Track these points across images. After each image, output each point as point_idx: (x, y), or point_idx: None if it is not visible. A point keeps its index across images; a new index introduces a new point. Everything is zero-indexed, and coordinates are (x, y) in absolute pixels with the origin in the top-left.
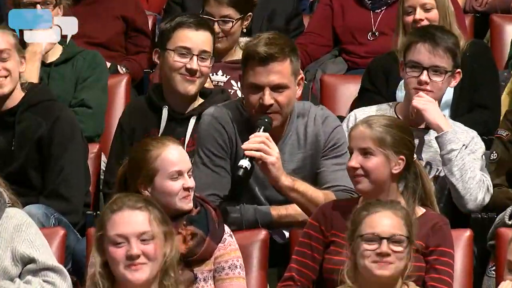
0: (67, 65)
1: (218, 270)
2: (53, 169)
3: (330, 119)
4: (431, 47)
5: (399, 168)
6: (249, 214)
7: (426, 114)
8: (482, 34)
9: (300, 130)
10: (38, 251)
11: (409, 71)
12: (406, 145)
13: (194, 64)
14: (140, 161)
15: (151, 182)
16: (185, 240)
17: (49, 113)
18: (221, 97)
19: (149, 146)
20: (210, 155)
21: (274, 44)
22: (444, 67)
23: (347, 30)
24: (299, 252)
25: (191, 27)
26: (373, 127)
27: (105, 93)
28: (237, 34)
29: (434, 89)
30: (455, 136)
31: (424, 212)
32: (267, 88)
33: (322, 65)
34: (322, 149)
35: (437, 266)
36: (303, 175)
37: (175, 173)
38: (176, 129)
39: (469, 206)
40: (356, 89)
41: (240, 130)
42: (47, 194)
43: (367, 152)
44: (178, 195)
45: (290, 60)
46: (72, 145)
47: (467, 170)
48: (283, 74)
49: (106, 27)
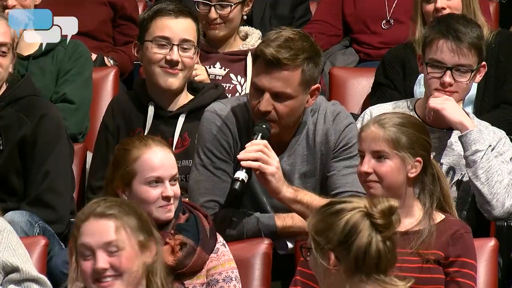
0: (47, 57)
1: (212, 283)
2: (36, 173)
3: (341, 115)
4: (455, 45)
5: (416, 171)
6: (251, 223)
7: (446, 113)
8: (508, 23)
9: (310, 128)
10: (21, 260)
11: (431, 71)
12: (423, 145)
13: (174, 55)
14: (118, 161)
15: (129, 185)
16: (173, 250)
17: (34, 111)
18: (214, 93)
19: (130, 145)
20: (211, 157)
21: (288, 48)
22: (470, 65)
23: (358, 18)
24: (304, 264)
25: (169, 15)
26: (386, 127)
27: (89, 87)
28: (237, 20)
29: (459, 89)
30: (480, 136)
31: (443, 218)
32: (267, 93)
33: (331, 56)
34: (333, 150)
35: (458, 279)
36: (315, 179)
37: (153, 180)
38: (163, 128)
39: (495, 213)
40: (368, 83)
41: (247, 131)
42: (30, 201)
43: (381, 155)
44: (155, 203)
45: (302, 70)
46: (58, 147)
47: (494, 173)
48: (289, 83)
49: (91, 15)
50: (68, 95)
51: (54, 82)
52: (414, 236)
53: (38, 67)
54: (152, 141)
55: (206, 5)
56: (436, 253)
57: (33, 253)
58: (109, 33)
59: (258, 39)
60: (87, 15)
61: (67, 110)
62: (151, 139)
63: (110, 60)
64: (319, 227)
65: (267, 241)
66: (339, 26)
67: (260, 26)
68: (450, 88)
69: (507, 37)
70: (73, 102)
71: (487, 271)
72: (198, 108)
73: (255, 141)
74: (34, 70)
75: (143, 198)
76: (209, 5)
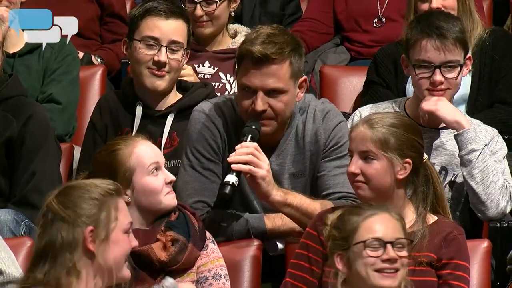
0: (33, 55)
1: (201, 280)
2: (23, 173)
3: (331, 114)
4: (440, 42)
5: (405, 172)
6: (240, 224)
7: (441, 114)
8: (501, 21)
9: (299, 127)
10: (3, 264)
11: (419, 72)
12: (413, 147)
13: (162, 56)
14: (112, 165)
15: (129, 184)
16: (165, 246)
17: (21, 111)
18: (203, 92)
19: (117, 146)
20: (199, 157)
21: (273, 43)
22: (457, 60)
23: (350, 16)
24: (295, 265)
25: (160, 15)
26: (374, 127)
27: (76, 86)
28: (224, 18)
29: (451, 85)
30: (476, 135)
31: (436, 219)
32: (260, 92)
33: (322, 55)
34: (323, 150)
35: (451, 282)
36: (304, 179)
37: (153, 168)
38: (151, 128)
39: (489, 214)
40: (359, 82)
41: (235, 131)
42: (16, 201)
43: (368, 156)
44: (162, 191)
45: (290, 62)
46: (45, 148)
47: (489, 174)
48: (280, 78)
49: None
50: (55, 95)
51: (40, 81)
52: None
53: (24, 65)
54: (135, 137)
55: (192, 3)
56: (429, 255)
57: (19, 254)
58: (97, 31)
59: None
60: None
61: (54, 110)
62: (134, 135)
63: (97, 59)
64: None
65: (256, 242)
66: (330, 24)
67: (250, 24)
68: (441, 86)
69: (502, 36)
70: (59, 103)
71: (480, 273)
72: (187, 108)
73: (245, 143)
74: (20, 68)
75: (151, 189)
76: (194, 2)
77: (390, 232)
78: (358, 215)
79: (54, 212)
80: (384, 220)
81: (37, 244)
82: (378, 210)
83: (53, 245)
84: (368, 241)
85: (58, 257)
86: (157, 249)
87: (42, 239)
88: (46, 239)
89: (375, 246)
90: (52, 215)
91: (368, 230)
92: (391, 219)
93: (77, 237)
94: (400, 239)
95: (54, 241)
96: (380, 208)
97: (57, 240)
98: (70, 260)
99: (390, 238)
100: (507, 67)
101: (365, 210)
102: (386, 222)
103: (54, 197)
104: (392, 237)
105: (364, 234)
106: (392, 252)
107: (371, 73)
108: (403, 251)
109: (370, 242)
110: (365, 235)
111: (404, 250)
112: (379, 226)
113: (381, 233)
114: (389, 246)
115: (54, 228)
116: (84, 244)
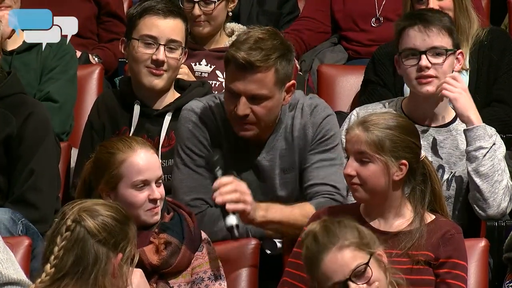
0: (31, 53)
1: (197, 281)
2: (21, 172)
3: (319, 108)
4: (423, 28)
5: (402, 174)
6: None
7: (457, 104)
8: (498, 20)
9: (288, 124)
10: (1, 265)
11: (406, 61)
12: (409, 148)
13: (160, 55)
14: (103, 164)
15: (114, 189)
16: (158, 249)
17: (20, 109)
18: (201, 90)
19: (115, 148)
20: (191, 154)
21: (259, 49)
22: (442, 46)
23: (347, 15)
24: (293, 264)
25: (158, 14)
26: (370, 129)
27: (73, 85)
28: (221, 17)
29: (439, 73)
30: (485, 133)
31: (433, 218)
32: (243, 97)
33: (320, 54)
34: (310, 143)
35: (448, 281)
36: (294, 174)
37: (140, 183)
38: (149, 127)
39: (489, 212)
40: (357, 81)
41: (225, 128)
42: (13, 200)
43: (363, 158)
44: (143, 207)
45: (276, 69)
46: (44, 146)
47: (495, 172)
48: (263, 84)
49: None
50: (52, 94)
51: (37, 79)
52: (404, 237)
53: (22, 62)
54: (136, 143)
55: (190, 2)
56: (426, 254)
57: (17, 253)
58: (94, 30)
59: None
60: (72, 11)
61: (51, 109)
62: (135, 140)
63: (95, 58)
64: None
65: (254, 241)
66: (327, 23)
67: (247, 23)
68: (429, 72)
69: (499, 35)
70: (57, 101)
71: (478, 272)
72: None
73: (223, 180)
74: (18, 65)
75: (130, 202)
76: (192, 2)
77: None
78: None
79: (89, 231)
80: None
81: (64, 258)
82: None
83: (85, 263)
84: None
85: (88, 276)
86: (149, 252)
87: (70, 254)
88: (77, 255)
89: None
90: (86, 233)
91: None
92: (340, 256)
93: (111, 261)
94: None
95: (86, 259)
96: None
97: (90, 258)
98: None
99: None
100: (505, 67)
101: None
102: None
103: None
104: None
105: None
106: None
107: (369, 72)
108: (361, 277)
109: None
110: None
111: (364, 274)
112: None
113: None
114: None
115: (88, 246)
116: (113, 270)
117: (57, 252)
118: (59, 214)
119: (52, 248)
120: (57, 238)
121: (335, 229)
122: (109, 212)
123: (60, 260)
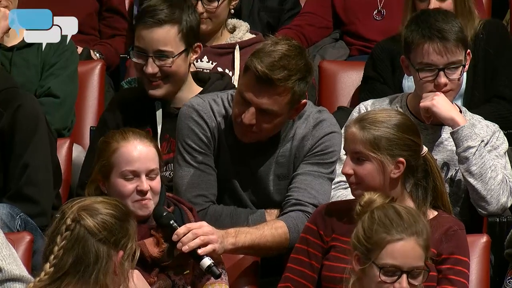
0: (31, 49)
1: (198, 275)
2: (15, 166)
3: (325, 123)
4: (442, 45)
5: (399, 172)
6: (240, 219)
7: (436, 110)
8: (501, 15)
9: (290, 132)
10: (4, 261)
11: (423, 75)
12: (407, 146)
13: (148, 68)
14: (99, 154)
15: (107, 178)
16: (159, 242)
17: (10, 102)
18: (220, 84)
19: (111, 138)
20: (191, 151)
21: (282, 68)
22: (460, 60)
23: (349, 10)
24: (295, 260)
25: (145, 24)
26: (366, 128)
27: (74, 81)
28: (224, 15)
29: (454, 86)
30: (472, 131)
31: (436, 214)
32: (252, 107)
33: (321, 50)
34: (306, 153)
35: (450, 277)
36: (288, 181)
37: (128, 173)
38: (172, 126)
39: (490, 209)
40: (359, 77)
41: (224, 128)
42: (11, 195)
43: (360, 157)
44: (130, 197)
45: (293, 91)
46: (36, 138)
47: (487, 170)
48: (276, 102)
49: (77, 7)
50: (53, 89)
51: (38, 75)
52: None
53: (22, 58)
54: (132, 134)
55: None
56: None
57: (18, 249)
58: (95, 26)
59: (246, 31)
60: (73, 8)
61: (52, 104)
62: (132, 131)
63: (96, 54)
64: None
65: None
66: (329, 18)
67: (248, 19)
68: (445, 88)
69: (496, 28)
70: (57, 97)
71: (479, 268)
72: None
73: (181, 229)
74: (19, 62)
75: (118, 192)
76: None
77: (409, 261)
78: (387, 233)
79: (89, 230)
80: (407, 247)
81: (64, 258)
82: (406, 233)
83: (86, 262)
84: (385, 268)
85: (90, 275)
86: (150, 245)
87: (70, 253)
88: (78, 254)
89: (390, 272)
90: (86, 232)
91: (389, 255)
92: (414, 247)
93: (112, 259)
94: (417, 269)
95: (87, 258)
96: (410, 230)
97: (91, 257)
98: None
99: (408, 268)
100: (502, 61)
101: (394, 230)
102: (408, 251)
103: (84, 212)
104: (410, 267)
105: (385, 257)
106: (405, 282)
107: (368, 68)
108: (417, 279)
109: (387, 268)
110: (385, 259)
111: (420, 277)
112: (401, 254)
113: (400, 261)
114: (404, 276)
115: (89, 245)
116: (114, 268)
117: (56, 252)
118: (59, 213)
119: (52, 247)
120: (57, 237)
121: (419, 221)
122: (109, 210)
123: (59, 259)
